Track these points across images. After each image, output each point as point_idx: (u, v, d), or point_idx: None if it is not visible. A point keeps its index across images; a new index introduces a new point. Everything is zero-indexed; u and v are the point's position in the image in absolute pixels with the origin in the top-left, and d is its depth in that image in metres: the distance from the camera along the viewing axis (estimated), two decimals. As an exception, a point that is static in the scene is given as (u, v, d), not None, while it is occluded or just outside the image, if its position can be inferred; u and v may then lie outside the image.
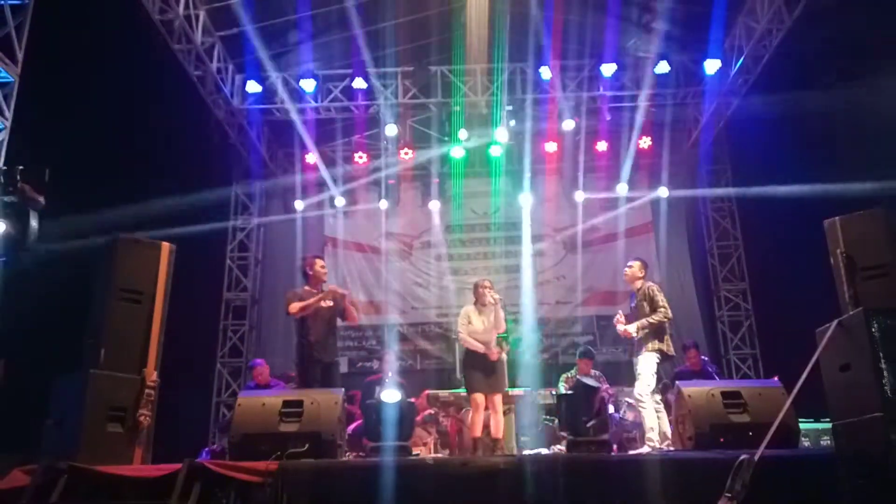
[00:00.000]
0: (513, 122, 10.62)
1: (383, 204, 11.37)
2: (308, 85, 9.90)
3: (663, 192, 11.01)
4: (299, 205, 11.33)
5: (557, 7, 8.84)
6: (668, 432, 5.47)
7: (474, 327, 5.86)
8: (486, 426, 5.84)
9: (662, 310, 5.69)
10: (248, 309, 11.33)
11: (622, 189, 11.17)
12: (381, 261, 11.38)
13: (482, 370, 5.76)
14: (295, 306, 5.65)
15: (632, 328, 5.72)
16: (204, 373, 10.74)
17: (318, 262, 5.98)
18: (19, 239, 5.16)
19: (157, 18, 8.17)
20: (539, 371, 10.02)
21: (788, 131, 8.72)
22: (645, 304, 5.79)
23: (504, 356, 6.14)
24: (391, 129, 10.51)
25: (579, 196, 11.24)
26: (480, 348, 5.76)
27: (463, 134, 10.57)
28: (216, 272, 11.29)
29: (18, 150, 6.20)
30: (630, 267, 6.04)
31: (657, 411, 5.56)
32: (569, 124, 10.43)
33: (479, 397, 5.73)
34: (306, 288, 5.92)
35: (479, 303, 5.93)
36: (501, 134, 10.52)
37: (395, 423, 5.07)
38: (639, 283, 5.93)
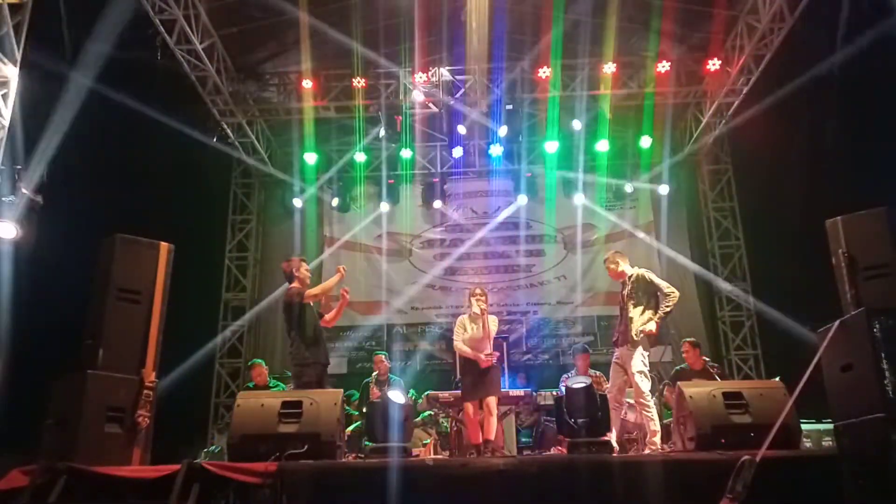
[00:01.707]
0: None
1: (384, 206, 11.36)
2: (307, 84, 9.88)
3: (664, 189, 10.99)
4: (297, 203, 11.32)
5: (558, 6, 8.81)
6: (657, 429, 5.45)
7: (468, 335, 5.94)
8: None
9: (670, 293, 5.46)
10: (246, 309, 11.31)
11: (627, 188, 11.18)
12: (381, 261, 11.37)
13: (475, 375, 5.81)
14: (314, 290, 5.52)
15: (652, 326, 5.45)
16: (203, 373, 10.73)
17: (304, 265, 5.85)
18: (17, 238, 5.16)
19: (158, 18, 8.17)
20: (540, 372, 10.07)
21: (789, 131, 8.70)
22: (640, 292, 5.60)
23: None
24: (386, 140, 10.49)
25: (580, 196, 11.21)
26: (471, 354, 5.82)
27: (461, 129, 10.56)
28: (215, 272, 11.27)
29: (17, 150, 6.18)
30: (608, 266, 5.84)
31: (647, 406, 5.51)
32: (576, 124, 10.40)
33: (470, 406, 5.79)
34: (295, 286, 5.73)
35: (472, 318, 5.99)
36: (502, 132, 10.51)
37: (394, 423, 5.05)
38: (629, 271, 5.75)
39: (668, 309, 5.47)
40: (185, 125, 8.88)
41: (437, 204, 11.44)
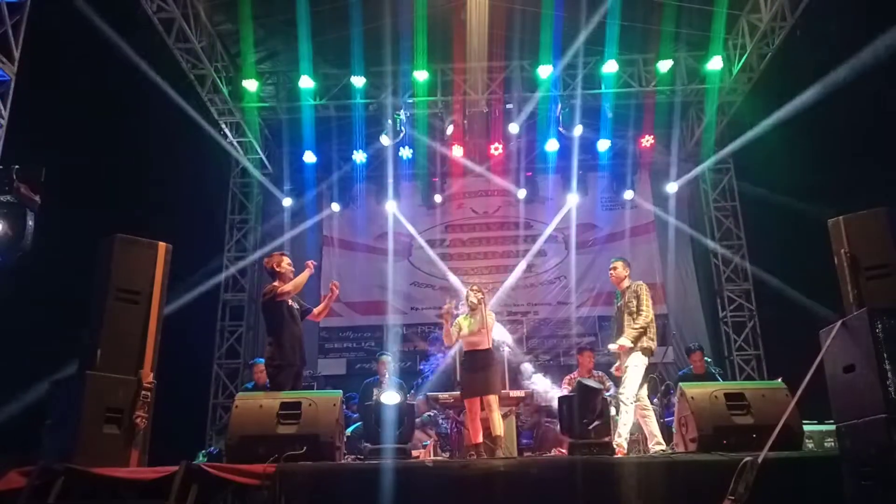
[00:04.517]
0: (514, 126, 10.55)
1: (384, 206, 11.34)
2: (306, 83, 9.86)
3: (671, 188, 10.97)
4: (287, 202, 11.31)
5: (558, 5, 8.79)
6: (657, 432, 5.43)
7: (464, 332, 5.92)
8: (486, 429, 5.80)
9: (644, 312, 5.56)
10: (245, 310, 11.29)
11: (628, 195, 11.17)
12: (380, 261, 11.35)
13: (474, 372, 5.79)
14: (287, 286, 5.39)
15: (624, 342, 5.56)
16: (201, 374, 10.70)
17: (286, 260, 5.69)
18: (15, 239, 5.13)
19: (156, 17, 8.15)
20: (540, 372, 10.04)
21: (791, 130, 8.68)
22: (633, 301, 5.69)
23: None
24: (387, 140, 10.45)
25: (580, 195, 11.19)
26: (449, 340, 5.88)
27: (449, 129, 10.53)
28: (213, 273, 11.24)
29: (15, 149, 6.16)
30: (614, 269, 5.94)
31: (644, 409, 5.50)
32: (577, 130, 10.36)
33: (472, 402, 5.77)
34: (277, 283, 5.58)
35: (470, 311, 5.97)
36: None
37: (394, 425, 5.03)
38: (626, 282, 5.85)
39: (636, 327, 5.52)
40: (184, 124, 8.85)
41: (437, 203, 11.43)
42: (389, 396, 5.38)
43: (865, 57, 7.16)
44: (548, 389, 7.46)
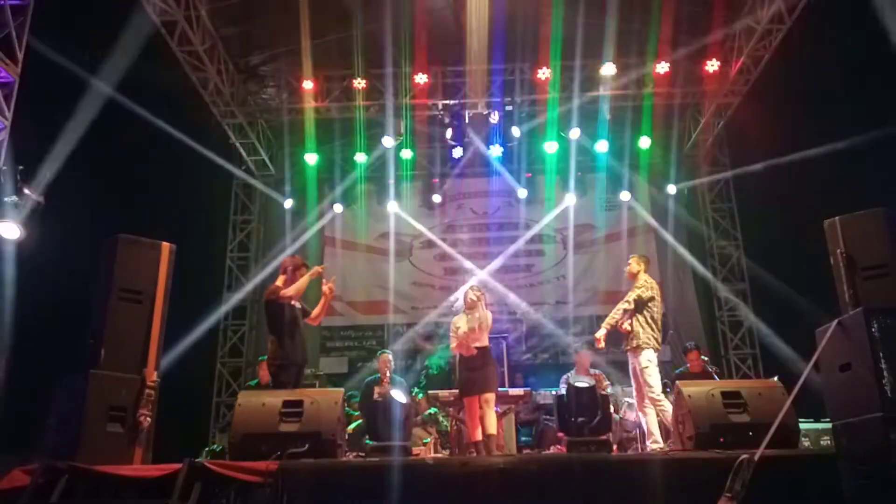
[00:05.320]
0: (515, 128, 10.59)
1: (384, 206, 11.37)
2: (308, 85, 9.89)
3: (669, 189, 11.01)
4: (288, 203, 11.35)
5: (558, 7, 8.83)
6: (655, 430, 5.47)
7: (462, 330, 5.94)
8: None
9: (626, 300, 5.73)
10: (248, 309, 11.32)
11: (625, 195, 11.20)
12: (381, 261, 11.39)
13: (471, 371, 5.82)
14: (289, 290, 5.44)
15: (601, 333, 5.86)
16: (204, 373, 10.74)
17: (303, 270, 5.69)
18: (19, 238, 5.18)
19: (159, 19, 8.18)
20: (538, 371, 10.09)
21: (788, 132, 8.72)
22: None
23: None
24: (388, 142, 10.48)
25: (579, 196, 11.23)
26: (469, 351, 5.83)
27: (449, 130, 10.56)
28: (216, 272, 11.29)
29: (19, 150, 6.20)
30: (628, 265, 6.06)
31: (646, 407, 5.55)
32: (575, 133, 10.39)
33: (471, 401, 5.80)
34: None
35: (468, 307, 6.00)
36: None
37: (396, 423, 5.08)
38: (641, 278, 5.91)
39: (622, 307, 5.77)
40: (186, 126, 8.89)
41: (437, 203, 11.45)
42: (398, 394, 5.43)
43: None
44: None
